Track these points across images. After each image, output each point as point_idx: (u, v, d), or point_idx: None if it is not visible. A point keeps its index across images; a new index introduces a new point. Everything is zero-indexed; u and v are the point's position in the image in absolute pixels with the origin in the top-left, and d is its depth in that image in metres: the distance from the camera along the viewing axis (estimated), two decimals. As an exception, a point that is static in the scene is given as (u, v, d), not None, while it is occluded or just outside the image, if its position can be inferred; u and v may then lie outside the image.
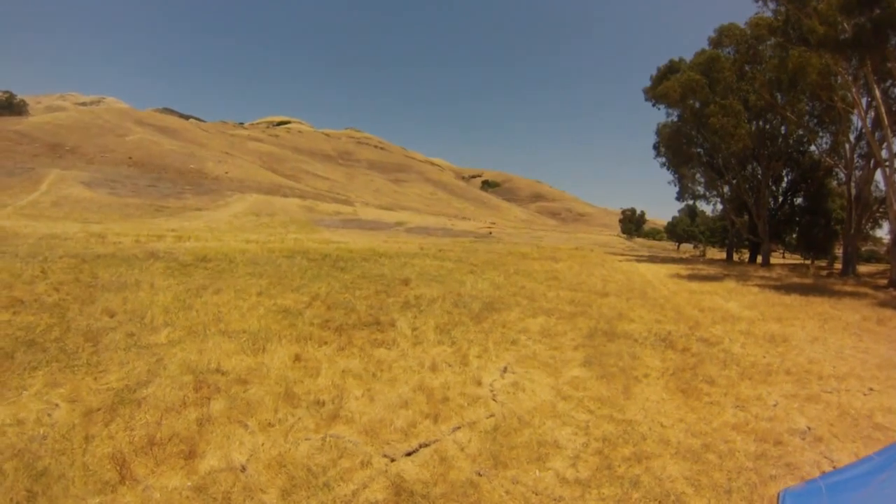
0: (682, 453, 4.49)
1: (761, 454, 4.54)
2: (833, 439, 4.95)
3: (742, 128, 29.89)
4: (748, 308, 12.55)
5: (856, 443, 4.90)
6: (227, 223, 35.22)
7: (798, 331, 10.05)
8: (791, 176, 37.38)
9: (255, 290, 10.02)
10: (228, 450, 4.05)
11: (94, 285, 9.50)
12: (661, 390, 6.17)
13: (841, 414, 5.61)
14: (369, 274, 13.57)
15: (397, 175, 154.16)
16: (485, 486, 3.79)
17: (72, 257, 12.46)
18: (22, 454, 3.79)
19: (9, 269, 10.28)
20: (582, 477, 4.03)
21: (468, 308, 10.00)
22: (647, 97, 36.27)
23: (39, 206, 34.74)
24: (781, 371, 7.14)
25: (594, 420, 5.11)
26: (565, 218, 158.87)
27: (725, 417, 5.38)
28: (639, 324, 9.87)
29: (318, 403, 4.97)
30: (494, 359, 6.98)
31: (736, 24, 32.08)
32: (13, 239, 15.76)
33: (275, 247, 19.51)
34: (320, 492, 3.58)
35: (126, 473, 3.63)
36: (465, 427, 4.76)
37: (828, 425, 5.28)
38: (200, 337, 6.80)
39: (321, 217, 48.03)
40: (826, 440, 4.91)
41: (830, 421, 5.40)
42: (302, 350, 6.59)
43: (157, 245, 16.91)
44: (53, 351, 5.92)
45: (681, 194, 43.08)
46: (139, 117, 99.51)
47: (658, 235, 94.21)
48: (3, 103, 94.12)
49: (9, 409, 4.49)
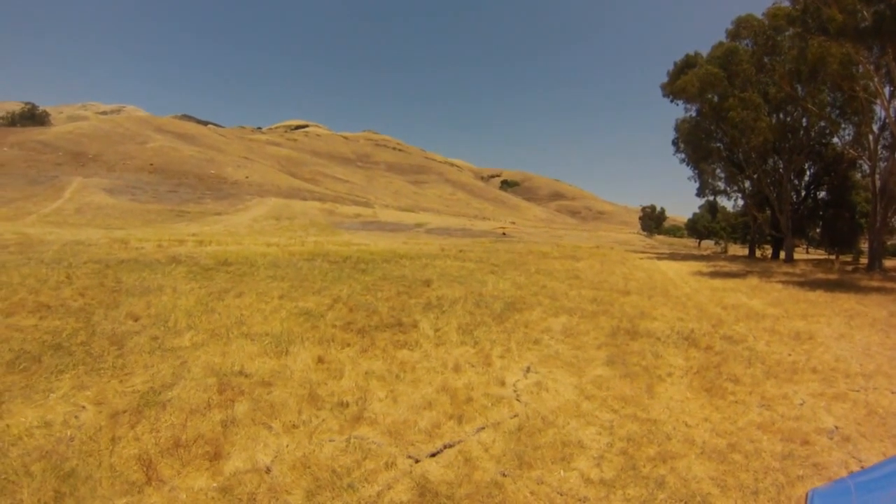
0: (707, 453, 4.44)
1: (788, 454, 4.47)
2: (861, 439, 4.85)
3: (762, 121, 29.42)
4: (772, 305, 12.34)
5: (884, 442, 4.80)
6: (247, 227, 35.59)
7: (824, 328, 9.86)
8: (813, 169, 36.68)
9: (277, 293, 10.09)
10: (253, 451, 4.09)
11: (118, 290, 9.64)
12: (684, 389, 6.10)
13: (869, 413, 5.49)
14: (390, 275, 13.60)
15: (416, 176, 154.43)
16: (509, 487, 3.78)
17: (96, 263, 12.65)
18: (49, 456, 3.86)
19: (35, 274, 10.47)
20: (607, 477, 4.00)
21: (490, 308, 9.98)
22: (664, 93, 35.81)
23: (63, 213, 35.44)
24: (807, 369, 7.01)
25: (618, 419, 5.07)
26: (585, 216, 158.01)
27: (751, 417, 5.30)
28: (661, 322, 9.76)
29: (341, 405, 5.00)
30: (517, 359, 6.96)
31: (753, 14, 31.55)
32: (38, 245, 16.06)
33: (295, 250, 19.64)
34: (345, 493, 3.60)
35: (152, 474, 3.68)
36: (489, 427, 4.75)
37: (855, 424, 5.18)
38: (223, 340, 6.88)
39: (341, 220, 48.29)
40: (854, 440, 4.82)
41: (858, 420, 5.30)
42: (325, 352, 6.63)
43: (178, 249, 17.12)
44: (80, 354, 6.02)
45: (701, 190, 42.47)
46: (158, 124, 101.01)
47: (678, 232, 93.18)
48: (27, 114, 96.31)
49: (36, 411, 4.58)
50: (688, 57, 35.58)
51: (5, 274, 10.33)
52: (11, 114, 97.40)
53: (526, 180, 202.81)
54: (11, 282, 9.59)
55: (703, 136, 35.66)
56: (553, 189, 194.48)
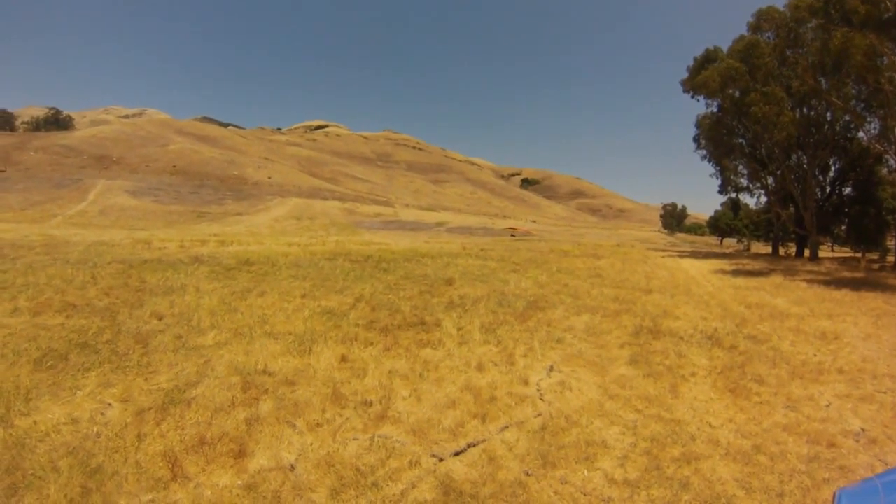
0: (732, 454, 4.40)
1: (814, 456, 4.41)
2: (888, 441, 4.76)
3: (785, 115, 28.87)
4: (797, 304, 12.12)
5: None
6: (269, 227, 35.96)
7: (850, 327, 9.66)
8: (838, 164, 35.86)
9: (299, 293, 10.19)
10: (277, 449, 4.13)
11: (142, 289, 9.81)
12: (708, 389, 6.04)
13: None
14: (412, 274, 13.65)
15: (437, 175, 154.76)
16: (533, 487, 3.77)
17: (120, 263, 12.89)
18: (76, 452, 3.95)
19: (61, 275, 10.69)
20: (631, 478, 3.97)
21: (512, 307, 9.98)
22: (684, 89, 35.34)
23: (87, 214, 36.16)
24: (833, 370, 6.89)
25: (642, 419, 5.04)
26: (606, 214, 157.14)
27: (776, 418, 5.24)
28: (684, 321, 9.66)
29: (365, 404, 5.03)
30: (540, 358, 6.95)
31: (775, 6, 30.91)
32: (64, 247, 16.40)
33: (316, 249, 19.80)
34: (369, 491, 3.62)
35: (178, 471, 3.74)
36: (513, 427, 4.75)
37: (882, 427, 5.09)
38: (246, 339, 6.96)
39: (361, 219, 48.56)
40: (881, 442, 4.73)
41: (885, 422, 5.20)
42: (348, 351, 6.68)
43: (200, 250, 17.37)
44: (105, 353, 6.14)
45: (723, 187, 41.88)
46: (180, 127, 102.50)
47: (700, 230, 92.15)
48: (51, 119, 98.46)
49: (64, 408, 4.68)
50: (708, 52, 35.07)
51: (32, 274, 10.57)
52: (36, 119, 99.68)
53: (546, 178, 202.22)
54: (38, 282, 9.81)
55: (725, 132, 35.13)
56: (573, 187, 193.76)
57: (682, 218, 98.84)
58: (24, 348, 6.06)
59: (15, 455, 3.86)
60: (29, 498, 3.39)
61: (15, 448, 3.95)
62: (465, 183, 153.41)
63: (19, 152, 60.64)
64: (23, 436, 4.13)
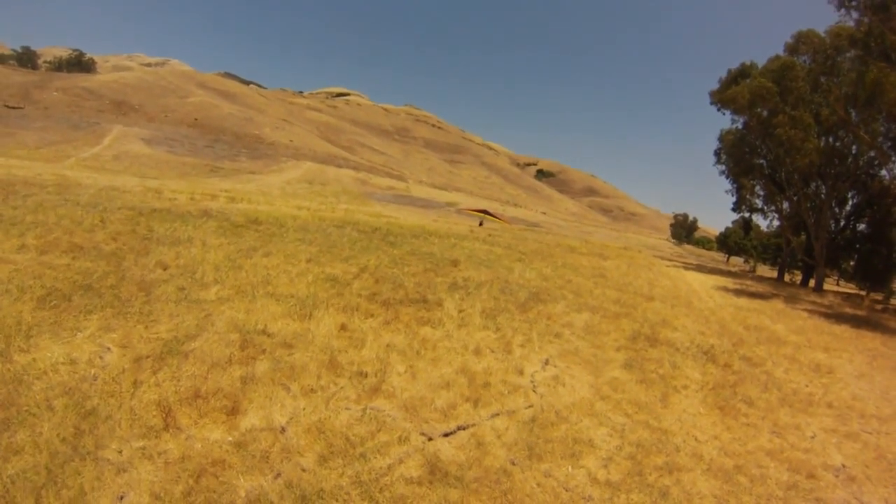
0: (713, 471, 4.46)
1: (793, 485, 4.47)
2: (866, 481, 4.82)
3: (810, 142, 28.51)
4: (795, 332, 12.10)
5: (888, 488, 4.76)
6: (280, 188, 35.90)
7: (845, 364, 9.66)
8: (856, 199, 35.47)
9: (305, 257, 10.20)
10: (270, 410, 4.18)
11: (149, 238, 9.81)
12: (698, 404, 6.09)
13: (878, 456, 5.43)
14: (418, 251, 13.66)
15: (453, 156, 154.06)
16: (517, 476, 3.82)
17: (129, 209, 12.88)
18: (72, 393, 4.00)
19: (70, 216, 10.69)
20: (613, 479, 4.03)
21: (515, 296, 10.01)
22: (712, 101, 34.91)
23: (101, 159, 36.14)
24: (823, 403, 6.93)
25: (630, 424, 5.09)
26: (616, 216, 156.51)
27: (761, 441, 5.30)
28: (682, 333, 9.68)
29: (360, 375, 5.09)
30: (537, 350, 7.00)
31: (815, 30, 30.40)
32: (75, 188, 16.40)
33: (325, 215, 19.79)
34: (356, 462, 3.67)
35: (170, 421, 3.80)
36: (504, 415, 4.80)
37: (863, 466, 5.14)
38: (249, 297, 6.99)
39: (373, 190, 48.44)
40: (859, 481, 4.79)
41: (866, 462, 5.25)
42: (348, 320, 6.72)
43: (210, 204, 17.37)
44: (108, 297, 6.16)
45: (738, 205, 41.48)
46: (201, 80, 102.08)
47: (708, 244, 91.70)
48: (73, 60, 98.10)
49: (63, 348, 4.72)
50: (743, 66, 34.60)
51: (42, 213, 10.58)
52: (59, 59, 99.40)
53: (561, 172, 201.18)
54: (48, 221, 9.82)
55: (747, 151, 34.76)
56: (588, 184, 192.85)
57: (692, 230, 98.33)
58: (28, 285, 6.07)
59: (11, 390, 3.90)
60: (22, 434, 3.43)
61: (12, 383, 4.00)
62: (480, 166, 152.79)
63: (39, 91, 60.57)
64: (20, 372, 4.18)
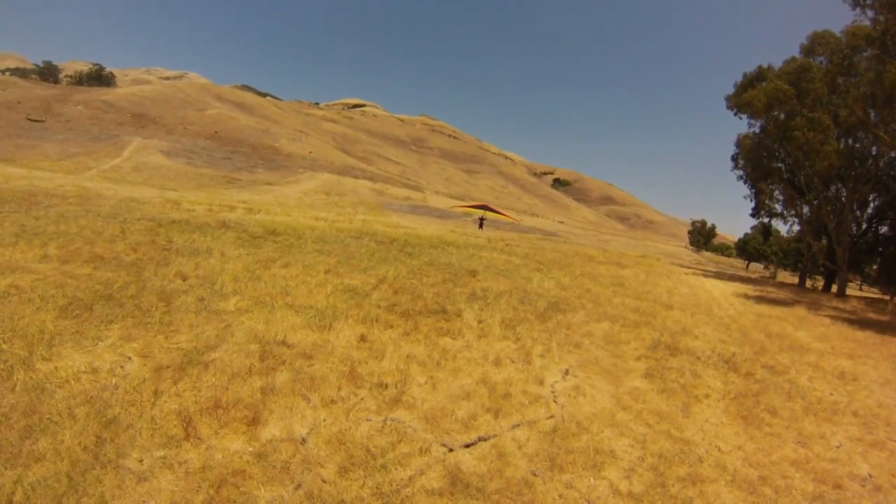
0: (737, 482, 4.40)
1: (818, 496, 4.39)
2: (893, 490, 4.72)
3: (829, 144, 28.09)
4: (818, 339, 11.87)
5: None
6: (297, 199, 36.18)
7: (870, 370, 9.44)
8: (878, 202, 34.80)
9: (323, 268, 10.24)
10: (290, 421, 4.20)
11: (168, 248, 9.93)
12: (720, 413, 6.00)
13: (905, 465, 5.31)
14: (437, 262, 13.63)
15: (469, 166, 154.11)
16: (539, 488, 3.79)
17: (149, 220, 13.05)
18: (94, 401, 4.06)
19: (91, 226, 10.87)
20: (635, 491, 3.98)
21: (534, 305, 9.97)
22: (728, 105, 34.56)
23: (121, 170, 36.75)
24: (848, 411, 6.79)
25: (651, 434, 5.03)
26: (633, 224, 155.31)
27: (785, 451, 5.21)
28: (702, 341, 9.55)
29: (381, 386, 5.09)
30: (557, 360, 6.96)
31: (831, 31, 29.96)
32: (96, 199, 16.67)
33: (343, 226, 19.86)
34: (377, 473, 3.66)
35: (191, 431, 3.84)
36: (525, 425, 4.78)
37: (890, 475, 5.03)
38: (268, 308, 7.04)
39: (390, 201, 48.59)
40: (886, 490, 4.69)
41: (893, 471, 5.14)
42: (367, 331, 6.74)
43: (228, 215, 17.56)
44: (129, 307, 6.25)
45: (756, 210, 40.91)
46: (218, 93, 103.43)
47: (727, 251, 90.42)
48: (94, 74, 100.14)
49: (85, 356, 4.79)
50: (760, 69, 34.21)
51: (64, 223, 10.77)
52: (79, 73, 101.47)
53: (578, 181, 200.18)
54: (69, 231, 10.00)
55: (765, 155, 34.34)
56: (604, 192, 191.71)
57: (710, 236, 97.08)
58: (50, 294, 6.18)
59: (34, 398, 3.97)
60: (44, 441, 3.49)
61: (34, 391, 4.07)
62: (496, 176, 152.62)
63: (61, 104, 61.81)
64: (43, 380, 4.25)
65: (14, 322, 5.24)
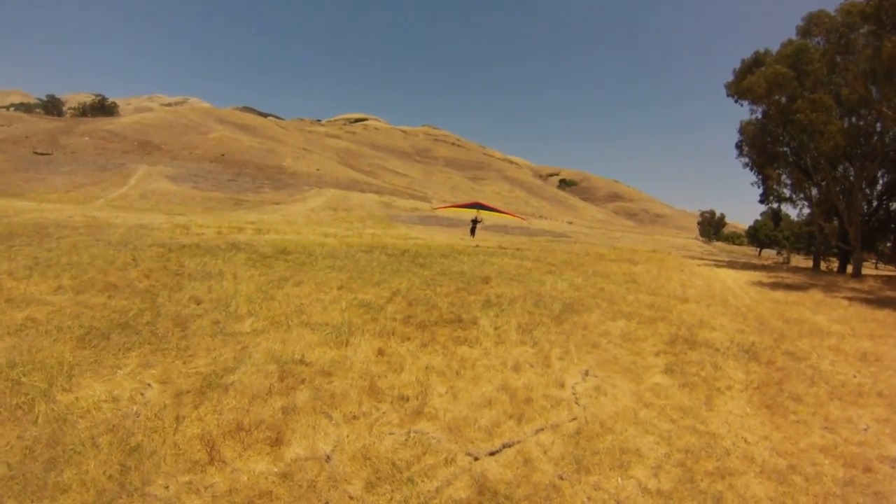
0: (766, 472, 4.36)
1: (850, 480, 4.35)
2: (923, 470, 4.65)
3: (833, 124, 27.85)
4: (837, 322, 11.73)
5: None
6: (305, 217, 36.38)
7: (892, 350, 9.31)
8: (887, 178, 34.38)
9: (336, 284, 10.26)
10: (313, 439, 4.21)
11: (180, 273, 9.98)
12: (744, 404, 5.95)
13: (935, 443, 5.23)
14: (449, 271, 13.61)
15: (475, 173, 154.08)
16: (567, 491, 3.78)
17: (159, 246, 13.14)
18: (116, 430, 4.09)
19: (103, 256, 10.96)
20: (664, 488, 3.95)
21: (549, 308, 9.93)
22: (728, 93, 34.35)
23: (128, 198, 37.17)
24: (873, 393, 6.70)
25: (676, 430, 5.00)
26: (642, 219, 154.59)
27: (813, 438, 5.16)
28: (720, 332, 9.47)
29: (402, 398, 5.10)
30: (576, 361, 6.94)
31: (826, 10, 29.72)
32: (106, 228, 16.84)
33: (353, 241, 19.91)
34: (404, 486, 3.67)
35: (215, 455, 3.85)
36: (548, 429, 4.76)
37: (920, 455, 4.95)
38: (283, 328, 7.07)
39: (398, 213, 48.76)
40: (917, 471, 4.62)
41: (923, 450, 5.06)
42: (385, 345, 6.75)
43: (238, 237, 17.65)
44: (145, 334, 6.30)
45: (764, 196, 40.53)
46: (220, 116, 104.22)
47: (738, 240, 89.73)
48: (97, 105, 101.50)
49: (105, 385, 4.84)
50: (757, 55, 34.01)
51: (76, 254, 10.88)
52: (83, 105, 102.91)
53: (584, 180, 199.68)
54: (81, 262, 10.09)
55: (769, 140, 34.09)
56: (611, 190, 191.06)
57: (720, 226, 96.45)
58: (67, 325, 6.24)
59: (56, 429, 4.01)
60: (68, 472, 3.51)
61: (56, 423, 4.11)
62: (502, 181, 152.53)
63: (66, 137, 62.59)
64: (64, 411, 4.29)
65: (33, 354, 5.30)
